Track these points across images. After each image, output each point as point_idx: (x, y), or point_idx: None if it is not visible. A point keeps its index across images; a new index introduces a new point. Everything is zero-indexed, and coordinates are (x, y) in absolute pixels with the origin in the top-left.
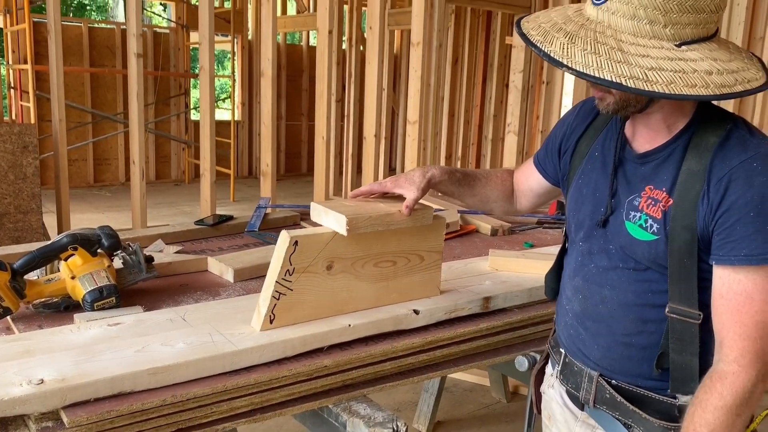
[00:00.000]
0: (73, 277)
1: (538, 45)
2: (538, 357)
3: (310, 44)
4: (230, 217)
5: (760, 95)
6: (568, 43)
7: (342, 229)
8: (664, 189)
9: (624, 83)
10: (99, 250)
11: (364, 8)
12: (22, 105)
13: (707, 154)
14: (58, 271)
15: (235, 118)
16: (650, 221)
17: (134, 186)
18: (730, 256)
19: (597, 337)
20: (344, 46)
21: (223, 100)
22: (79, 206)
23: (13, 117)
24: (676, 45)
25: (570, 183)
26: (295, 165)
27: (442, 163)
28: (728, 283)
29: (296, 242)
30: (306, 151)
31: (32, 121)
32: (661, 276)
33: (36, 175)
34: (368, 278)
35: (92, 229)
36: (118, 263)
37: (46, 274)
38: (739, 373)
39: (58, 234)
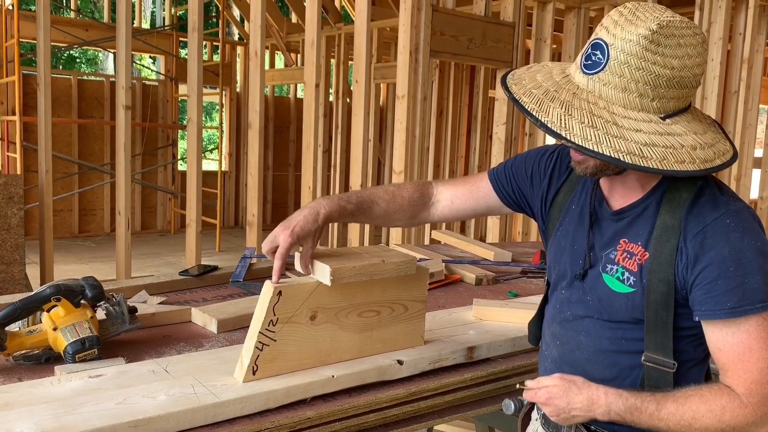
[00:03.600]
0: (55, 329)
1: (534, 114)
2: (525, 401)
3: (297, 96)
4: (215, 268)
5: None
6: (564, 115)
7: (326, 280)
8: (639, 243)
9: (622, 159)
10: (82, 301)
11: (350, 62)
12: (8, 156)
13: (680, 209)
14: (40, 322)
15: (222, 169)
16: (627, 274)
17: (119, 236)
18: (716, 310)
19: None
20: (331, 98)
21: (211, 150)
22: (63, 257)
23: None
24: (661, 117)
25: (550, 234)
26: (281, 215)
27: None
28: (722, 337)
29: (280, 292)
30: (293, 201)
31: (18, 172)
32: (635, 326)
33: (20, 225)
34: (352, 328)
35: (76, 280)
36: (101, 314)
37: (28, 326)
38: (746, 406)
39: (41, 285)
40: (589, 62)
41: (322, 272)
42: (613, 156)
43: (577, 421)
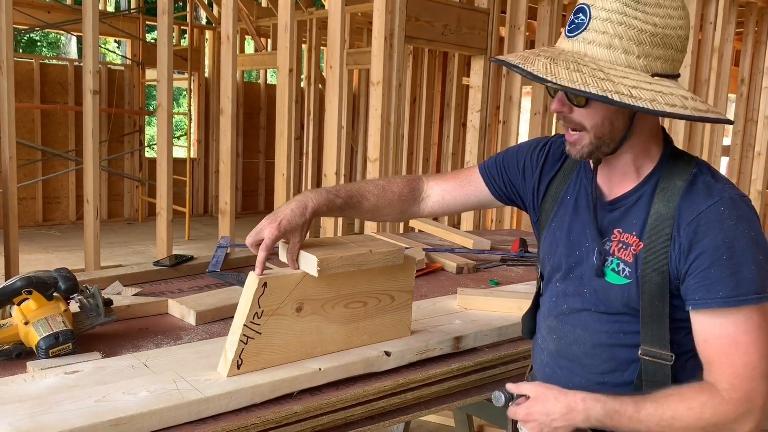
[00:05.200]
0: (26, 323)
1: (520, 66)
2: (515, 393)
3: (268, 82)
4: (190, 258)
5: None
6: (550, 64)
7: (313, 270)
8: (634, 233)
9: (610, 97)
10: (55, 294)
11: (322, 47)
12: None
13: (674, 197)
14: (10, 316)
15: (191, 156)
16: (622, 265)
17: (87, 225)
18: (707, 299)
19: (572, 376)
20: (303, 84)
21: (179, 137)
22: (28, 246)
23: None
24: (650, 75)
25: (543, 227)
26: (252, 203)
27: None
28: (710, 328)
29: (265, 284)
30: (263, 188)
31: None
32: (633, 318)
33: None
34: (338, 320)
35: (48, 272)
36: (74, 307)
37: None
38: (727, 402)
39: (6, 277)
40: (572, 26)
41: (309, 263)
42: (600, 95)
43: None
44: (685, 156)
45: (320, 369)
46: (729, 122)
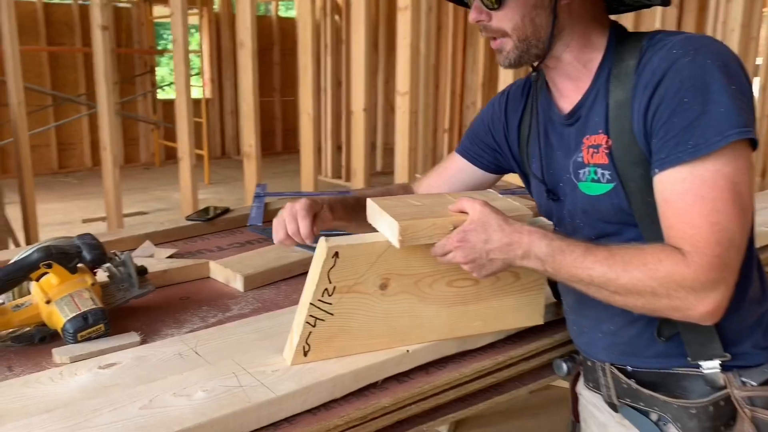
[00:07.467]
0: (48, 301)
1: None
2: (577, 358)
3: (279, 15)
4: (226, 210)
5: None
6: None
7: (394, 240)
8: (600, 131)
9: None
10: (79, 265)
11: None
12: None
13: (629, 78)
14: (29, 293)
15: (205, 96)
16: (600, 171)
17: (106, 174)
18: (676, 153)
19: (599, 324)
20: (317, 15)
21: (193, 76)
22: (45, 195)
23: None
24: None
25: (529, 177)
26: (269, 144)
27: (429, 136)
28: (671, 184)
29: (337, 253)
30: (280, 128)
31: None
32: (638, 232)
33: None
34: (439, 301)
35: (69, 239)
36: (102, 276)
37: (14, 298)
38: (689, 265)
39: (25, 229)
40: None
41: (391, 229)
42: None
43: (495, 267)
44: (635, 35)
45: (408, 351)
46: (664, 4)
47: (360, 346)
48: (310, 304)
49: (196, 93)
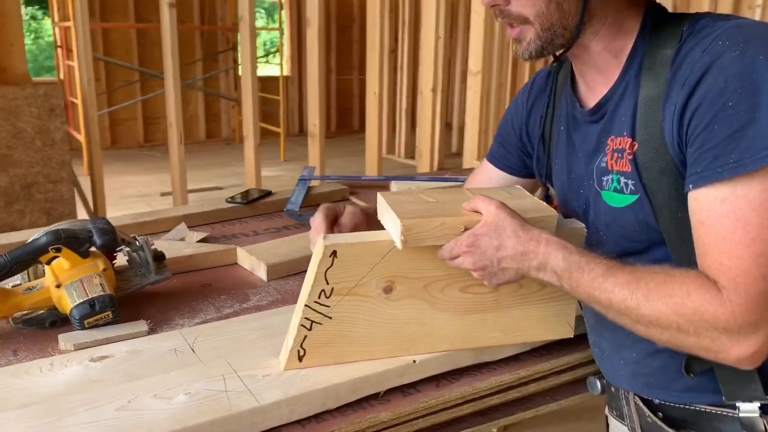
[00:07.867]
0: (58, 285)
1: None
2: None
3: None
4: (267, 193)
5: None
6: None
7: (397, 240)
8: (625, 133)
9: None
10: (92, 249)
11: None
12: (68, 64)
13: (664, 70)
14: (43, 275)
15: (284, 73)
16: (623, 180)
17: (172, 150)
18: (716, 168)
19: (620, 350)
20: None
21: (273, 54)
22: (130, 167)
23: (61, 77)
24: None
25: (553, 174)
26: (346, 122)
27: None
28: (709, 205)
29: (334, 252)
30: (358, 106)
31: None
32: (666, 252)
33: (65, 140)
34: (451, 308)
35: (82, 223)
36: (123, 260)
37: (29, 280)
38: (724, 304)
39: (93, 201)
40: None
41: (395, 227)
42: None
43: (507, 277)
44: (676, 17)
45: (414, 361)
46: None
47: (361, 353)
48: (305, 305)
49: (276, 70)
